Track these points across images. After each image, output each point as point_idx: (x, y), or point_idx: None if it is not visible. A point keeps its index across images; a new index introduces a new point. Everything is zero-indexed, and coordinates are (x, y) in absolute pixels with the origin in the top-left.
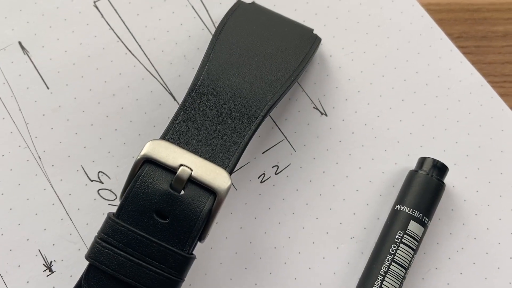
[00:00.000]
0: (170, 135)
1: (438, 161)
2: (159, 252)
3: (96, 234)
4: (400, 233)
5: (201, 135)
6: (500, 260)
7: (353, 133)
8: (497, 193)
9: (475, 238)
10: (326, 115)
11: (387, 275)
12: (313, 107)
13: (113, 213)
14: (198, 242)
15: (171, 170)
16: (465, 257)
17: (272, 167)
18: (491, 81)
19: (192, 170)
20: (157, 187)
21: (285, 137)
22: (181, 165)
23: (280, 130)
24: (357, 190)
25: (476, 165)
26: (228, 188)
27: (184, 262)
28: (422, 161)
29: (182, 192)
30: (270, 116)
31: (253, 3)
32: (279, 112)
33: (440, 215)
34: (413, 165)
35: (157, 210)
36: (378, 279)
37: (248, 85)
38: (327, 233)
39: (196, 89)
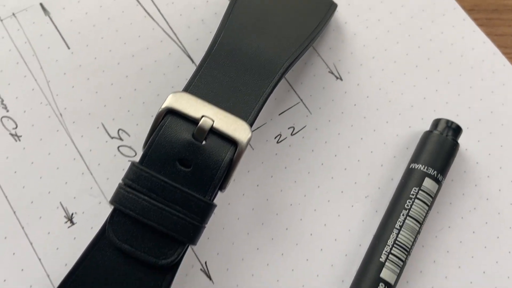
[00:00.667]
0: (192, 88)
1: (452, 121)
2: (182, 198)
3: (119, 183)
4: (415, 189)
5: (222, 89)
6: None
7: (367, 97)
8: (509, 156)
9: (487, 199)
10: (341, 79)
11: (402, 229)
12: (329, 72)
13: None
14: (219, 192)
15: (193, 121)
16: (477, 217)
17: (288, 128)
18: (503, 52)
19: (213, 121)
20: (180, 136)
21: (301, 100)
22: (203, 116)
23: (296, 93)
24: (371, 152)
25: (488, 129)
26: (249, 140)
27: (206, 208)
28: (436, 122)
29: (204, 143)
30: (286, 79)
31: None
32: (295, 76)
33: (453, 177)
34: (426, 128)
35: (179, 158)
36: (393, 232)
37: (267, 45)
38: (342, 192)
39: (216, 47)
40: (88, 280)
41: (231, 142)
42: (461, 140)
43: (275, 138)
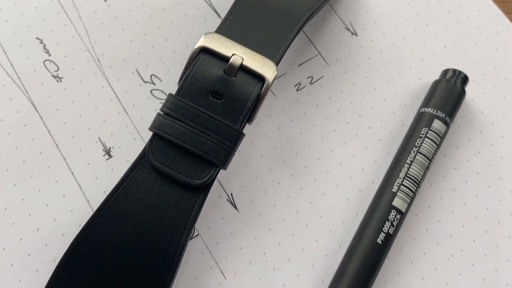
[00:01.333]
0: (223, 31)
1: (460, 71)
2: (215, 125)
3: (158, 112)
4: (425, 130)
5: (250, 32)
6: None
7: (381, 51)
8: (511, 107)
9: (491, 144)
10: (356, 35)
11: (413, 164)
12: (345, 28)
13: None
14: (246, 124)
15: (224, 59)
16: (481, 160)
17: (307, 78)
18: (507, 17)
19: (243, 59)
20: (212, 71)
21: (319, 52)
22: (233, 54)
23: (315, 46)
24: (384, 100)
25: (492, 82)
26: (275, 77)
27: (236, 136)
28: (445, 72)
29: (234, 78)
30: (305, 34)
31: None
32: (314, 31)
33: (459, 124)
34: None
35: (212, 91)
36: (405, 166)
37: None
38: (356, 135)
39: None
40: (128, 199)
41: (259, 78)
42: (467, 91)
43: (295, 86)
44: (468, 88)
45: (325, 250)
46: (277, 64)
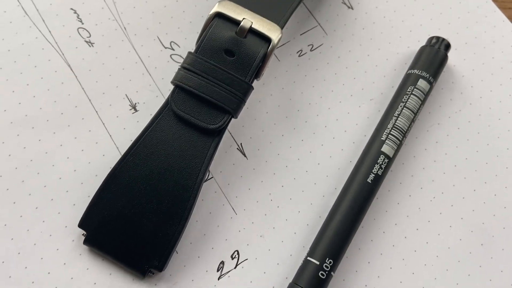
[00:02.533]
0: None
1: (443, 38)
2: (228, 78)
3: (178, 67)
4: (411, 88)
5: (259, 0)
6: (491, 120)
7: (374, 23)
8: (489, 72)
9: (470, 104)
10: (352, 8)
11: (400, 116)
12: (342, 2)
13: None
14: (255, 80)
15: (236, 22)
16: (461, 117)
17: (308, 46)
18: None
19: (252, 23)
20: (226, 33)
21: (319, 23)
22: (244, 18)
23: (315, 18)
24: (376, 66)
25: (473, 50)
26: (280, 38)
27: (246, 88)
28: (430, 39)
29: (244, 39)
30: (306, 7)
31: None
32: (314, 5)
33: (443, 86)
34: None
35: (225, 49)
36: (393, 119)
37: None
38: (351, 95)
39: None
40: (153, 141)
41: (266, 39)
42: (450, 57)
43: (297, 52)
44: (450, 55)
45: (322, 192)
46: (282, 28)
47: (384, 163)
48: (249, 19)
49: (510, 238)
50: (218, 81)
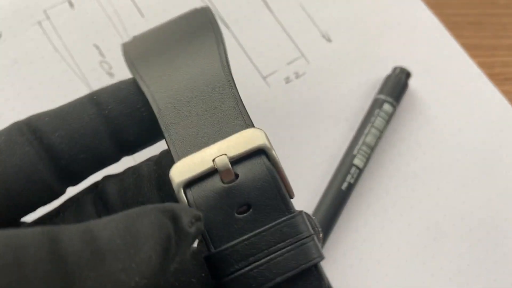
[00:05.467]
0: (178, 153)
1: (405, 68)
2: (273, 234)
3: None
4: (377, 110)
5: (200, 129)
6: (444, 136)
7: (348, 53)
8: (443, 95)
9: (427, 122)
10: (330, 41)
11: (368, 134)
12: (321, 36)
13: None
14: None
15: (210, 173)
16: (420, 134)
17: (293, 73)
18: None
19: (225, 154)
20: (214, 194)
21: (302, 54)
22: (213, 160)
23: (299, 49)
24: (350, 90)
25: (430, 77)
26: (267, 137)
27: (298, 221)
28: (395, 68)
29: (238, 179)
30: (293, 40)
31: None
32: (298, 39)
33: (405, 107)
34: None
35: (230, 212)
36: (362, 136)
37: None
38: (329, 116)
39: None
40: None
41: (257, 153)
42: (412, 82)
43: (284, 80)
44: (412, 81)
45: (304, 197)
46: (253, 125)
47: (356, 173)
48: (216, 155)
49: (458, 233)
50: (267, 251)
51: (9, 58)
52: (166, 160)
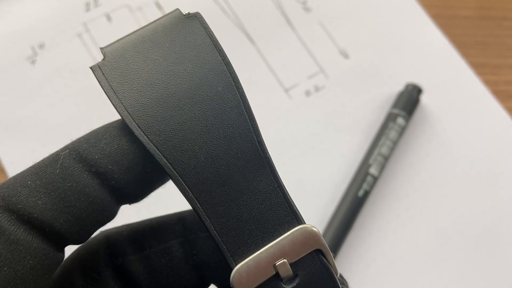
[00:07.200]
0: (237, 257)
1: (417, 85)
2: None
3: None
4: (392, 124)
5: (248, 224)
6: (453, 148)
7: (364, 69)
8: (452, 110)
9: (437, 135)
10: (348, 58)
11: (383, 146)
12: (339, 53)
13: None
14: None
15: (274, 278)
16: (431, 146)
17: (313, 87)
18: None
19: (284, 258)
20: None
21: (321, 69)
22: (273, 265)
23: (318, 65)
24: (365, 104)
25: (440, 92)
26: (319, 233)
27: None
28: (407, 85)
29: (297, 280)
30: (313, 57)
31: None
32: (319, 55)
33: (416, 121)
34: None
35: None
36: (377, 147)
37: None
38: (346, 127)
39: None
40: None
41: (312, 253)
42: (424, 98)
43: (305, 93)
44: (424, 96)
45: (324, 202)
46: (304, 222)
47: (371, 181)
48: (274, 259)
49: (463, 238)
50: None
51: (52, 67)
52: (191, 220)
